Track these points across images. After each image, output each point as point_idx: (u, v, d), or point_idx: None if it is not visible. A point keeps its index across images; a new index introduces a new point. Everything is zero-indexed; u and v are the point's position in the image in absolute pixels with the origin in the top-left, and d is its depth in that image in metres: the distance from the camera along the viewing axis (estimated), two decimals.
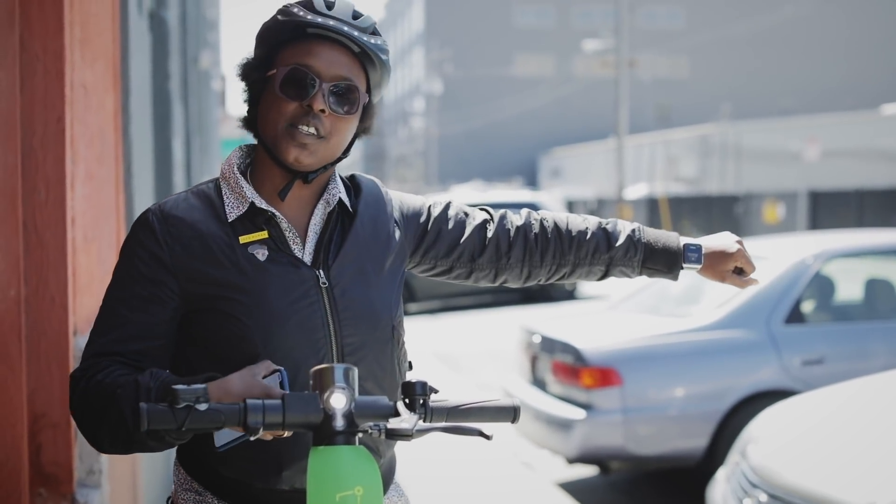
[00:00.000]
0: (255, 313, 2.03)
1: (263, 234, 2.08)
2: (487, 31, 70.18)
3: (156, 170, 6.25)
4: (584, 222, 2.46)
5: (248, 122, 2.18)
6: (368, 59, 2.14)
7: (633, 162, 50.21)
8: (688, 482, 6.70)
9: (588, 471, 7.49)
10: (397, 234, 2.28)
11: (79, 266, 3.24)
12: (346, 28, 2.08)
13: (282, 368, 1.92)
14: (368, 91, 2.18)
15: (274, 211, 2.10)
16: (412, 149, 77.50)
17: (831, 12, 69.13)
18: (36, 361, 3.04)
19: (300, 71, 2.07)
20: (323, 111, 2.07)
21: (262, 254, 2.07)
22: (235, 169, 2.15)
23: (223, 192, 2.13)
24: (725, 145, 44.86)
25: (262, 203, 2.10)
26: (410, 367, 2.29)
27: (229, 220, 2.09)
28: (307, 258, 2.13)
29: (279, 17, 2.11)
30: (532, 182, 64.08)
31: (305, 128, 2.06)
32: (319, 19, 2.08)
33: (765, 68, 70.64)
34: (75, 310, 3.16)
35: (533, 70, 71.60)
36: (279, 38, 2.12)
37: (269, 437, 1.88)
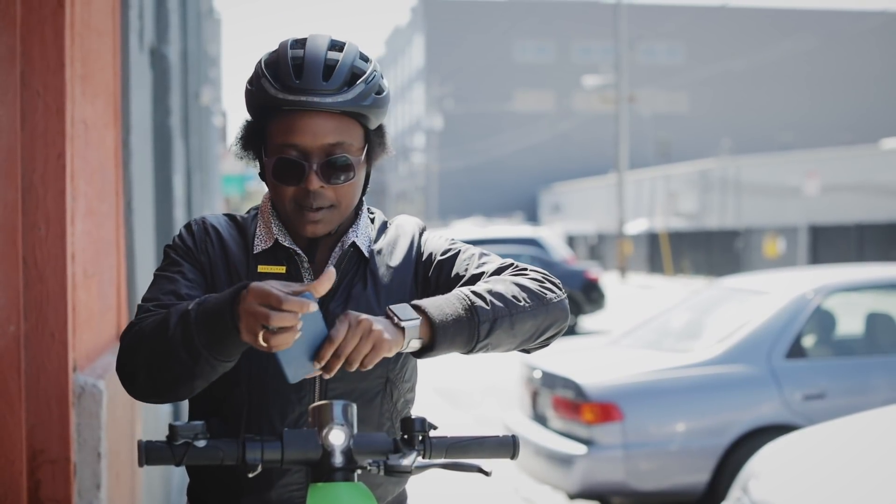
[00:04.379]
0: None
1: (281, 269, 2.11)
2: (487, 67, 70.52)
3: (156, 206, 6.26)
4: None
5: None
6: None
7: (633, 197, 50.36)
8: None
9: None
10: (412, 282, 2.21)
11: (79, 302, 3.24)
12: (316, 99, 1.99)
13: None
14: (367, 131, 2.11)
15: (297, 250, 2.12)
16: (412, 184, 77.68)
17: (830, 48, 69.47)
18: (35, 397, 3.03)
19: (286, 160, 2.02)
20: (323, 187, 2.03)
21: None
22: (270, 204, 2.18)
23: (258, 225, 2.17)
24: (725, 180, 44.99)
25: (285, 241, 2.12)
26: None
27: (254, 253, 2.13)
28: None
29: (250, 87, 2.07)
30: (533, 217, 64.22)
31: (311, 206, 2.04)
32: (290, 96, 1.99)
33: (764, 103, 70.95)
34: (75, 346, 3.16)
35: (533, 105, 71.92)
36: (262, 109, 2.07)
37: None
